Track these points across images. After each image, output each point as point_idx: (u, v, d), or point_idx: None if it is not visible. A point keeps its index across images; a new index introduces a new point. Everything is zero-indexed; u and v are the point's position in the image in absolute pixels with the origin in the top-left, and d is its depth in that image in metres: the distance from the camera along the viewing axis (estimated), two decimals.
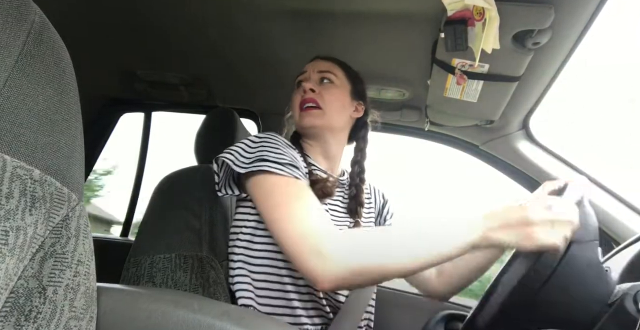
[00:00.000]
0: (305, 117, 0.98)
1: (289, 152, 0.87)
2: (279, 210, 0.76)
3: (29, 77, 0.42)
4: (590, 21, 0.91)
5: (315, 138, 1.02)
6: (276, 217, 0.76)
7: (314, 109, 0.98)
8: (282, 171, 0.81)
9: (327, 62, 1.05)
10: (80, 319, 0.44)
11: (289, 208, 0.76)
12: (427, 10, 0.98)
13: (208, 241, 0.95)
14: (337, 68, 1.05)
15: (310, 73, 1.03)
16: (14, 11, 0.41)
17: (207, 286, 0.90)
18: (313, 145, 1.03)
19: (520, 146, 1.42)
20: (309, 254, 0.69)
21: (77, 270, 0.45)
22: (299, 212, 0.74)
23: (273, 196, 0.79)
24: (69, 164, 0.46)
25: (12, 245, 0.39)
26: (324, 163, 1.03)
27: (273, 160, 0.82)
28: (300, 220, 0.73)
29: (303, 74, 1.04)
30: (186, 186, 1.04)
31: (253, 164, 0.82)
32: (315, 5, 1.05)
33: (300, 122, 0.99)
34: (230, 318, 0.52)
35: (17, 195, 0.40)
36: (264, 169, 0.81)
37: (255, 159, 0.83)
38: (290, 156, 0.85)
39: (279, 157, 0.83)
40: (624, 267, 0.87)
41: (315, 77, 1.03)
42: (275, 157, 0.82)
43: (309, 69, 1.04)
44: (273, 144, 0.86)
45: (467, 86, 1.10)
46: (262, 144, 0.86)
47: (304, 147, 1.03)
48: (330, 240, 0.70)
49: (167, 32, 1.25)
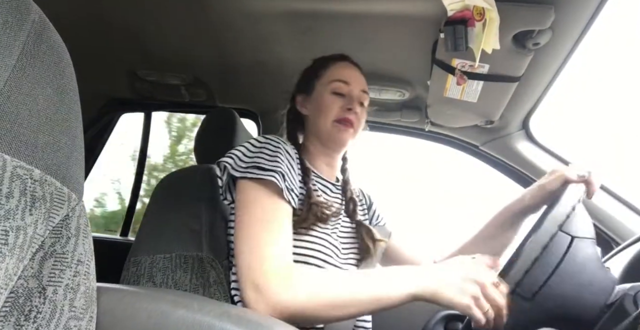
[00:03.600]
0: (342, 133, 0.97)
1: (286, 161, 0.85)
2: (248, 229, 0.76)
3: (29, 77, 0.42)
4: (590, 21, 0.91)
5: (330, 148, 1.02)
6: (241, 235, 0.77)
7: (350, 127, 0.98)
8: (271, 177, 0.80)
9: (363, 77, 1.05)
10: (80, 318, 0.44)
11: (256, 229, 0.76)
12: (427, 11, 0.98)
13: (208, 241, 0.95)
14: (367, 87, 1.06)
15: (353, 88, 1.01)
16: (14, 11, 0.41)
17: (207, 286, 0.90)
18: (321, 153, 1.03)
19: (521, 147, 1.42)
20: (248, 285, 0.70)
21: (77, 270, 0.45)
22: (261, 239, 0.74)
23: (251, 209, 0.79)
24: (69, 164, 0.46)
25: (12, 245, 0.39)
26: (325, 170, 1.04)
27: (268, 168, 0.81)
28: (257, 249, 0.73)
29: (346, 85, 1.00)
30: (186, 186, 1.03)
31: (248, 169, 0.82)
32: (315, 5, 1.05)
33: (335, 134, 0.98)
34: (230, 318, 0.52)
35: (17, 195, 0.40)
36: (255, 176, 0.80)
37: (251, 164, 0.82)
38: (286, 166, 0.84)
39: (274, 165, 0.82)
40: (623, 267, 0.87)
41: (357, 96, 1.01)
42: (270, 165, 0.82)
43: (352, 82, 1.01)
44: (272, 150, 0.85)
45: (467, 86, 1.10)
46: (261, 150, 0.85)
47: (307, 149, 1.03)
48: (270, 278, 0.70)
49: (168, 32, 1.25)
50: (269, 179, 0.80)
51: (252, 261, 0.72)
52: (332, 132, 0.98)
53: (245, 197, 0.81)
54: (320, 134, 1.00)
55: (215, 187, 1.03)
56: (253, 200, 0.80)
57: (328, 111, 0.98)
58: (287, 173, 0.84)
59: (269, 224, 0.76)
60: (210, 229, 0.97)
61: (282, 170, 0.82)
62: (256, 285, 0.69)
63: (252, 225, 0.76)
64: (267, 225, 0.76)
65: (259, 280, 0.70)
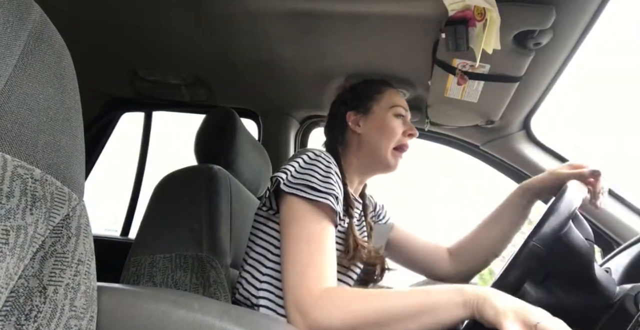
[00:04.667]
0: (398, 160, 1.03)
1: (337, 183, 0.85)
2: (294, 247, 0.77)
3: (30, 77, 0.42)
4: (591, 22, 0.91)
5: (378, 170, 1.05)
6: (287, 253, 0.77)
7: (404, 152, 1.05)
8: (324, 199, 0.80)
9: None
10: (80, 318, 0.44)
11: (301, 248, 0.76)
12: (428, 11, 0.98)
13: (208, 241, 0.95)
14: None
15: (407, 115, 1.07)
16: (15, 11, 0.41)
17: (207, 286, 0.90)
18: (362, 171, 1.05)
19: (521, 147, 1.42)
20: (291, 304, 0.71)
21: (78, 269, 0.45)
22: (305, 259, 0.75)
23: (296, 227, 0.79)
24: (69, 164, 0.46)
25: (13, 244, 0.39)
26: (355, 185, 1.05)
27: (322, 190, 0.81)
28: (302, 268, 0.74)
29: (403, 109, 1.06)
30: (186, 186, 1.03)
31: (299, 187, 0.81)
32: (315, 5, 1.04)
33: (391, 160, 1.02)
34: (231, 318, 0.52)
35: (18, 194, 0.40)
36: (305, 196, 0.80)
37: (303, 182, 0.81)
38: (338, 188, 0.84)
39: (327, 187, 0.82)
40: (624, 268, 0.87)
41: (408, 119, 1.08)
42: (324, 187, 0.81)
43: (404, 106, 1.07)
44: (325, 169, 0.85)
45: (468, 86, 1.10)
46: (312, 168, 0.84)
47: (349, 163, 1.04)
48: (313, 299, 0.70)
49: (168, 31, 1.25)
50: (324, 202, 0.80)
51: (297, 281, 0.73)
52: (390, 157, 1.02)
53: (294, 213, 0.81)
54: (376, 155, 1.02)
55: (216, 187, 1.04)
56: (303, 217, 0.79)
57: (392, 133, 1.02)
58: (339, 196, 0.84)
59: (316, 244, 0.77)
60: (210, 229, 0.97)
61: (336, 193, 0.82)
62: (297, 305, 0.70)
63: (299, 244, 0.77)
64: (315, 246, 0.77)
65: (302, 301, 0.70)
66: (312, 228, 0.78)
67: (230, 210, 1.07)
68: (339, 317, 0.67)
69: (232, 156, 1.17)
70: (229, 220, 1.05)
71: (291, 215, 0.81)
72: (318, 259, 0.75)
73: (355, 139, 1.04)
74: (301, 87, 1.47)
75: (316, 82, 1.41)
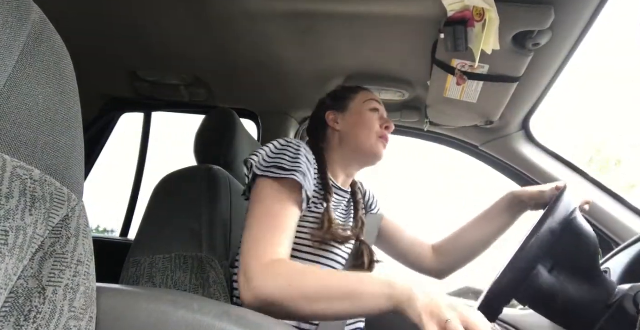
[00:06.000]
0: (382, 149, 1.07)
1: (305, 164, 0.89)
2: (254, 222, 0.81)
3: (29, 77, 0.42)
4: (590, 22, 0.91)
5: (365, 162, 1.08)
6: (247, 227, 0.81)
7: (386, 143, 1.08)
8: (291, 175, 0.83)
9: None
10: (80, 319, 0.44)
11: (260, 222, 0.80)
12: (427, 11, 0.98)
13: (208, 241, 0.95)
14: None
15: (383, 110, 1.12)
16: (15, 11, 0.41)
17: (207, 286, 0.90)
18: (348, 165, 1.08)
19: (520, 147, 1.42)
20: (242, 272, 0.75)
21: (77, 270, 0.45)
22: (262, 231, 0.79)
23: (260, 204, 0.83)
24: (68, 164, 0.46)
25: (12, 245, 0.39)
26: (341, 178, 1.09)
27: (288, 168, 0.85)
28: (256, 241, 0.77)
29: (378, 103, 1.11)
30: (186, 186, 1.03)
31: (269, 169, 0.85)
32: (315, 5, 1.05)
33: (377, 149, 1.06)
34: (230, 318, 0.52)
35: (17, 195, 0.40)
36: (276, 176, 0.84)
37: (272, 164, 0.86)
38: (306, 168, 0.88)
39: (295, 165, 0.86)
40: (624, 268, 0.87)
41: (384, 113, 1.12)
42: (291, 165, 0.85)
43: (377, 100, 1.12)
44: (294, 152, 0.89)
45: (467, 87, 1.10)
46: (283, 152, 0.89)
47: (331, 160, 1.07)
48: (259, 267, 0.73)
49: (168, 32, 1.25)
50: (290, 178, 0.83)
51: (249, 251, 0.76)
52: (374, 145, 1.05)
53: (260, 193, 0.85)
54: (360, 146, 1.06)
55: (215, 187, 1.04)
56: (267, 196, 0.84)
57: (370, 126, 1.06)
58: (306, 174, 0.87)
59: (274, 221, 0.80)
60: (210, 229, 0.97)
61: (302, 170, 0.86)
62: (245, 272, 0.74)
63: (259, 220, 0.81)
64: (273, 222, 0.80)
65: (249, 268, 0.73)
66: (273, 206, 0.82)
67: (230, 211, 1.07)
68: (279, 287, 0.70)
69: (232, 157, 1.17)
70: (229, 221, 1.05)
71: (257, 196, 0.85)
72: (274, 232, 0.79)
73: (335, 136, 1.09)
74: (301, 87, 1.47)
75: (316, 82, 1.41)
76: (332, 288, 0.69)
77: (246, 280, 0.73)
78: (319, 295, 0.69)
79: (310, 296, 0.69)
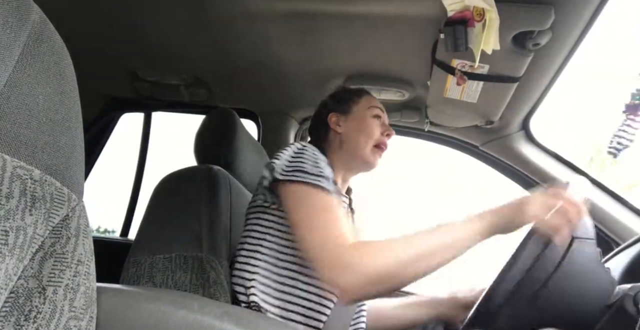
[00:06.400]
0: (377, 158, 1.07)
1: (326, 167, 0.90)
2: (307, 220, 0.81)
3: (29, 77, 0.42)
4: (590, 22, 0.91)
5: (358, 169, 1.09)
6: (304, 230, 0.81)
7: (383, 152, 1.09)
8: (318, 182, 0.84)
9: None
10: (80, 319, 0.44)
11: (316, 219, 0.80)
12: (427, 11, 0.98)
13: (208, 241, 0.95)
14: None
15: (385, 117, 1.12)
16: (15, 11, 0.41)
17: (207, 286, 0.90)
18: (344, 168, 1.08)
19: (520, 147, 1.42)
20: (331, 265, 0.74)
21: (77, 270, 0.45)
22: (324, 224, 0.79)
23: (304, 206, 0.83)
24: (69, 164, 0.46)
25: (12, 245, 0.39)
26: (339, 183, 1.08)
27: (311, 172, 0.86)
28: (323, 232, 0.77)
29: (380, 111, 1.11)
30: (186, 186, 1.03)
31: (292, 173, 0.86)
32: (315, 5, 1.05)
33: (371, 157, 1.06)
34: (231, 318, 0.52)
35: (17, 195, 0.40)
36: (302, 179, 0.84)
37: (295, 169, 0.86)
38: (326, 170, 0.89)
39: (316, 170, 0.87)
40: (624, 268, 0.87)
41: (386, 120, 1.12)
42: (313, 170, 0.86)
43: (381, 107, 1.12)
44: (312, 157, 0.90)
45: (467, 87, 1.10)
46: (302, 156, 0.90)
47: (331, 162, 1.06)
48: (349, 251, 0.73)
49: (168, 32, 1.25)
50: (319, 184, 0.84)
51: (324, 245, 0.76)
52: (369, 154, 1.06)
53: (294, 198, 0.85)
54: (356, 152, 1.06)
55: (215, 187, 1.04)
56: (303, 199, 0.84)
57: (371, 132, 1.07)
58: (330, 176, 0.88)
59: (326, 213, 0.81)
60: (210, 229, 0.97)
61: (326, 174, 0.87)
62: (334, 263, 0.73)
63: (313, 218, 0.81)
64: (326, 214, 0.81)
65: (336, 257, 0.73)
66: (318, 203, 0.83)
67: (230, 211, 1.07)
68: (384, 260, 0.72)
69: (232, 157, 1.17)
70: (229, 221, 1.05)
71: (295, 198, 0.85)
72: (335, 222, 0.79)
73: (336, 138, 1.09)
74: (301, 87, 1.47)
75: (316, 82, 1.41)
76: (428, 244, 0.74)
77: (343, 269, 0.72)
78: (419, 256, 0.73)
79: (411, 259, 0.73)
